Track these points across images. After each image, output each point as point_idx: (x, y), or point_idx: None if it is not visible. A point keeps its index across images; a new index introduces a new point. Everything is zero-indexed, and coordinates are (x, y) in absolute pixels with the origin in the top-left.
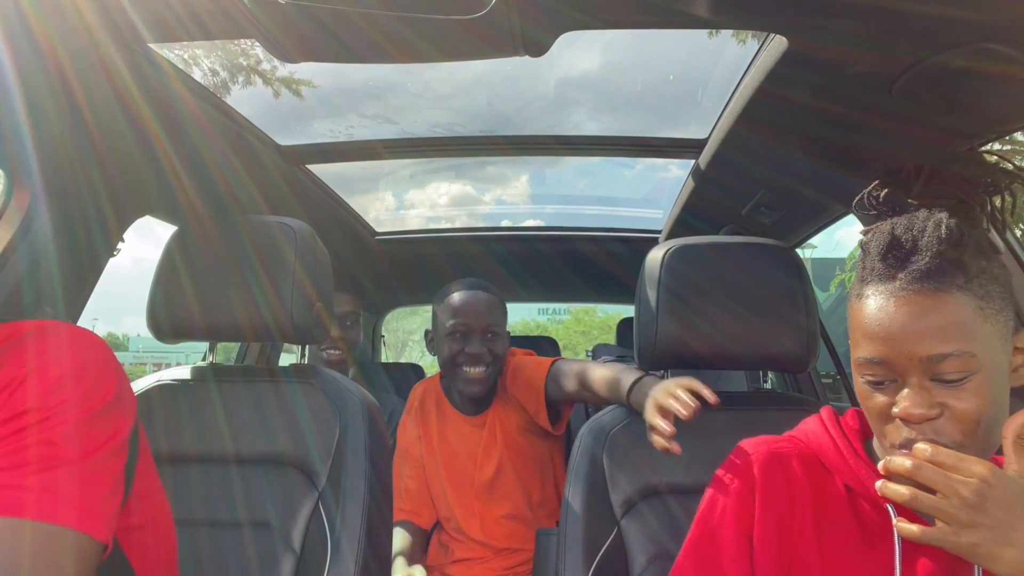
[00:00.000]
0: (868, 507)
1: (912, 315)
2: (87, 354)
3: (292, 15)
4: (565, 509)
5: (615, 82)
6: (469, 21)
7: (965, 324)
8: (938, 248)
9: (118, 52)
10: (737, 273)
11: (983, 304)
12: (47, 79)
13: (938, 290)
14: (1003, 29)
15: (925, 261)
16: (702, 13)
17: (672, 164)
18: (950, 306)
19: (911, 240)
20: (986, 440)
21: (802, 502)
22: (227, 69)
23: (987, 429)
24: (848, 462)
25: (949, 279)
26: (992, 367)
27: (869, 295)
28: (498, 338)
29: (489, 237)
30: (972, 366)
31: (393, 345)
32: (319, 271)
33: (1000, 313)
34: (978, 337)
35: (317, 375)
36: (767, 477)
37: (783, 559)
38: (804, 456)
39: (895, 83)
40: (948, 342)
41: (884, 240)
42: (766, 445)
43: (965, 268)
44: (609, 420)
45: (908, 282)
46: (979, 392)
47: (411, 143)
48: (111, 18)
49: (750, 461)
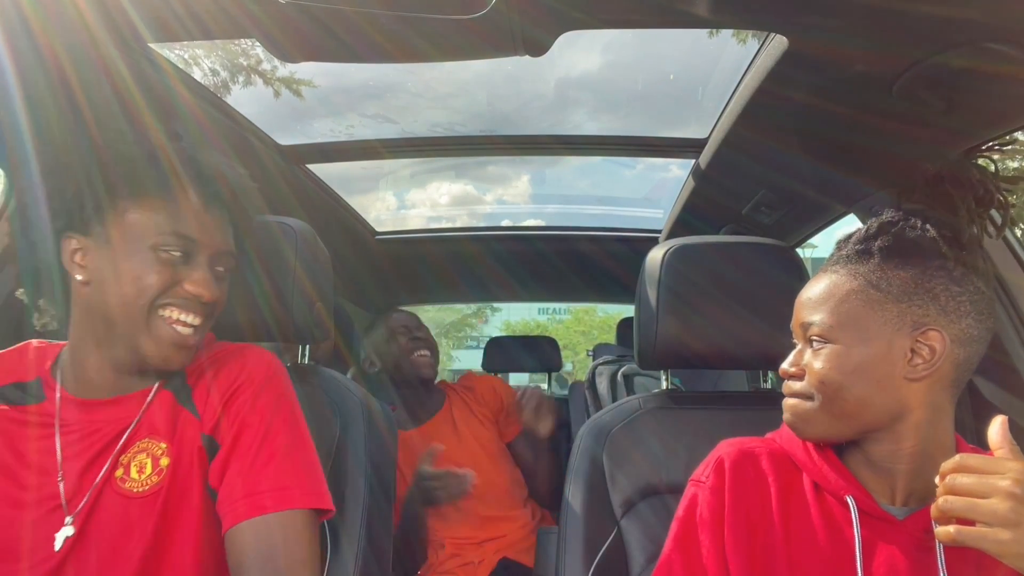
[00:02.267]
0: (833, 502)
1: (810, 288)
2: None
3: (292, 15)
4: (565, 509)
5: (615, 82)
6: (469, 21)
7: (839, 302)
8: (856, 238)
9: (118, 52)
10: (737, 273)
11: (873, 291)
12: (47, 79)
13: (837, 272)
14: (1003, 29)
15: (845, 250)
16: (702, 13)
17: (672, 164)
18: (837, 285)
19: (851, 235)
20: (835, 403)
21: (769, 498)
22: (227, 69)
23: (834, 393)
24: (814, 459)
25: (851, 265)
26: (855, 344)
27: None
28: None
29: (489, 237)
30: (830, 335)
31: None
32: (319, 271)
33: (896, 303)
34: (847, 315)
35: (317, 375)
36: (737, 475)
37: (754, 553)
38: (775, 455)
39: (895, 83)
40: (817, 312)
41: (847, 234)
42: (739, 445)
43: (871, 257)
44: (609, 420)
45: (828, 264)
46: (832, 359)
47: (411, 143)
48: (111, 18)
49: (723, 460)
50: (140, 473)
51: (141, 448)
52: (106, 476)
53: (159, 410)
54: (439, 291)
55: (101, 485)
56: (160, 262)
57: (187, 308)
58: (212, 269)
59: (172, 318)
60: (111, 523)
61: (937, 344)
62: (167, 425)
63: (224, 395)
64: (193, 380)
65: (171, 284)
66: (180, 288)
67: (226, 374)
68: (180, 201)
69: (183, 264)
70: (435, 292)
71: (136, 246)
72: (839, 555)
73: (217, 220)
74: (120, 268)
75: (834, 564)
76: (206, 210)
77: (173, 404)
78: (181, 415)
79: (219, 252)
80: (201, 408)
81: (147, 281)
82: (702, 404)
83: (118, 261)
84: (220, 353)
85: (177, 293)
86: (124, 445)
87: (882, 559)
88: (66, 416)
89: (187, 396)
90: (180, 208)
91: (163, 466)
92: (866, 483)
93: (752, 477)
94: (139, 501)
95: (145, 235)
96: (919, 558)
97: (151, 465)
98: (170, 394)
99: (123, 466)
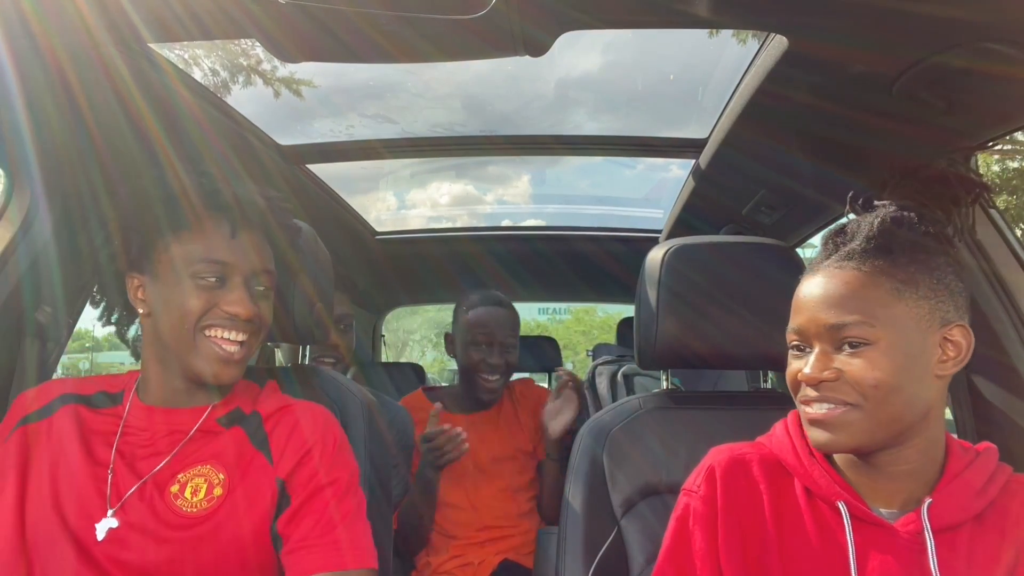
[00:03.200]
0: (825, 508)
1: (826, 287)
2: (339, 429)
3: (292, 15)
4: (565, 509)
5: (615, 82)
6: (469, 21)
7: (872, 300)
8: (868, 234)
9: (118, 52)
10: (737, 273)
11: (902, 287)
12: (47, 79)
13: (857, 268)
14: (1003, 29)
15: (855, 244)
16: (702, 13)
17: (672, 164)
18: (863, 282)
19: (854, 230)
20: (884, 408)
21: (761, 505)
22: (227, 69)
23: (885, 396)
24: (804, 464)
25: (871, 260)
26: (895, 344)
27: (807, 274)
28: (513, 350)
29: (489, 237)
30: (871, 336)
31: (393, 345)
32: (320, 271)
33: (925, 300)
34: (885, 315)
35: (317, 375)
36: (728, 484)
37: (748, 562)
38: (766, 460)
39: (895, 83)
40: (850, 312)
41: (835, 230)
42: (729, 452)
43: (891, 253)
44: (609, 420)
45: (835, 260)
46: (878, 361)
47: (411, 143)
48: (111, 18)
49: (714, 469)
50: (194, 495)
51: (201, 472)
52: (155, 480)
53: (230, 444)
54: (439, 291)
55: (149, 488)
56: (199, 288)
57: (228, 327)
58: (249, 289)
59: (217, 337)
60: (153, 529)
61: (963, 340)
62: (234, 460)
63: (300, 451)
64: (270, 428)
65: (210, 307)
66: (219, 310)
67: (303, 432)
68: (209, 231)
69: (219, 288)
70: (435, 292)
71: (177, 276)
72: (833, 561)
73: (249, 243)
74: (167, 298)
75: (828, 570)
76: (235, 235)
77: (246, 444)
78: (255, 458)
79: (254, 272)
80: (277, 456)
81: (189, 307)
82: (702, 404)
83: (165, 292)
84: (296, 408)
85: (217, 314)
86: (185, 463)
87: (875, 564)
88: (131, 419)
89: (262, 440)
90: (210, 237)
91: (215, 495)
92: (859, 486)
93: (744, 485)
94: (185, 519)
95: (183, 265)
96: (912, 561)
97: (205, 491)
98: (244, 433)
99: (180, 483)
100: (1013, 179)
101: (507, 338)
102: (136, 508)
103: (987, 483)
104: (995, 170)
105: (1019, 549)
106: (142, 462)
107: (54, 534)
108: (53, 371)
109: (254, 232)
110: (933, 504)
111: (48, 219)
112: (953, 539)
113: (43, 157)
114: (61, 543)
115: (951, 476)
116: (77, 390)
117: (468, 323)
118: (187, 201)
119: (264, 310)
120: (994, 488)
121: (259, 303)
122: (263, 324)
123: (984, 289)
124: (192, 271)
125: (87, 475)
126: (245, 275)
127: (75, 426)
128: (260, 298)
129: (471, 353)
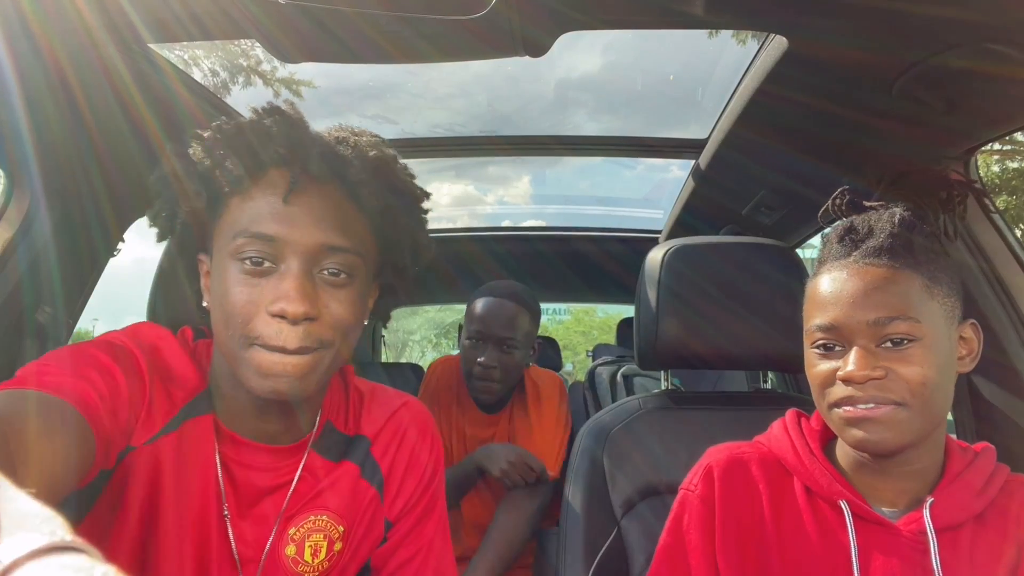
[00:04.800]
0: (825, 507)
1: (863, 283)
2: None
3: (292, 15)
4: (565, 509)
5: (615, 82)
6: (469, 21)
7: (912, 296)
8: (891, 230)
9: (118, 52)
10: (737, 273)
11: (931, 284)
12: (47, 79)
13: (889, 264)
14: (1003, 29)
15: (879, 240)
16: (702, 13)
17: (672, 164)
18: (899, 279)
19: (867, 226)
20: (929, 406)
21: (761, 505)
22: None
23: (931, 394)
24: (805, 464)
25: (900, 257)
26: (937, 341)
27: (825, 272)
28: (514, 351)
29: (488, 237)
30: (917, 332)
31: (393, 345)
32: None
33: (947, 297)
34: (924, 311)
35: None
36: (726, 483)
37: (746, 562)
38: (765, 460)
39: (895, 83)
40: (894, 307)
41: (844, 227)
42: (728, 451)
43: (915, 250)
44: (609, 420)
45: (862, 256)
46: (924, 358)
47: (411, 143)
48: (111, 18)
49: (711, 468)
50: (314, 557)
51: (317, 527)
52: (275, 543)
53: (343, 484)
54: (439, 291)
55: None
56: (242, 275)
57: (275, 333)
58: (309, 276)
59: (265, 346)
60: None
61: (975, 337)
62: (348, 504)
63: (406, 474)
64: (379, 454)
65: (257, 306)
66: (263, 314)
67: (412, 448)
68: (257, 194)
69: (270, 275)
70: (435, 292)
71: (220, 256)
72: (834, 561)
73: (311, 208)
74: (214, 288)
75: (830, 571)
76: (288, 198)
77: (357, 480)
78: (367, 495)
79: (320, 248)
80: (390, 497)
81: (231, 301)
82: (702, 404)
83: (214, 281)
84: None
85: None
86: (295, 515)
87: (878, 564)
88: (226, 454)
89: (374, 471)
90: (257, 202)
91: (336, 551)
92: (860, 486)
93: (742, 484)
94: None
95: (224, 242)
96: (915, 560)
97: (326, 550)
98: (356, 468)
99: (295, 543)
100: (1013, 179)
101: (504, 334)
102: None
103: (987, 483)
104: (995, 170)
105: (1020, 548)
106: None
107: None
108: None
109: (326, 192)
110: (935, 504)
111: (48, 219)
112: (955, 538)
113: (43, 157)
114: None
115: (952, 476)
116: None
117: (466, 314)
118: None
119: (336, 308)
120: (993, 488)
121: (327, 296)
122: (337, 329)
123: (984, 289)
124: (234, 249)
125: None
126: (304, 255)
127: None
128: (328, 287)
129: (464, 348)
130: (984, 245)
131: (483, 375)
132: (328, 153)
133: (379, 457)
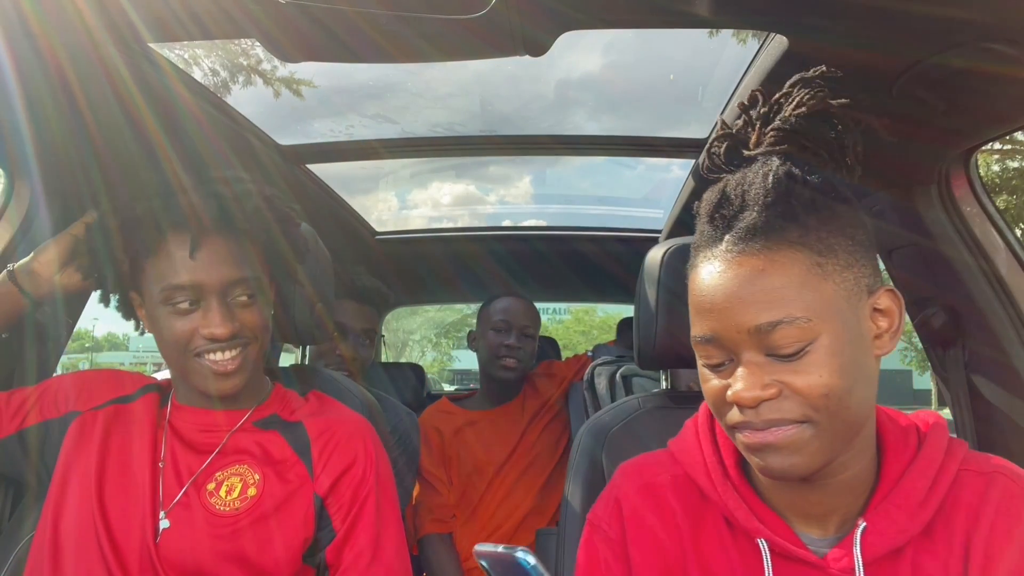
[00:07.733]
0: (747, 541)
1: (738, 280)
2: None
3: (292, 15)
4: (565, 509)
5: (616, 82)
6: (469, 21)
7: (798, 286)
8: (764, 200)
9: (118, 52)
10: None
11: (823, 260)
12: (47, 79)
13: (766, 248)
14: (1003, 29)
15: (752, 217)
16: (702, 13)
17: (673, 164)
18: (780, 266)
19: (740, 195)
20: (840, 416)
21: (680, 540)
22: (227, 69)
23: (839, 402)
24: (718, 490)
25: (778, 234)
26: (837, 333)
27: (699, 264)
28: (531, 341)
29: (488, 237)
30: (809, 333)
31: (393, 345)
32: (320, 272)
33: (847, 269)
34: (815, 301)
35: (317, 376)
36: (637, 522)
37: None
38: (679, 482)
39: (895, 83)
40: (777, 308)
41: (714, 199)
42: (638, 476)
43: (798, 220)
44: (609, 420)
45: (734, 242)
46: (824, 363)
47: (411, 143)
48: (111, 18)
49: (619, 504)
50: (228, 494)
51: (238, 472)
52: (198, 481)
53: (271, 446)
54: (439, 291)
55: (195, 489)
56: (176, 314)
57: (214, 349)
58: (225, 304)
59: (207, 359)
60: (198, 527)
61: (894, 304)
62: (273, 464)
63: (335, 455)
64: (313, 436)
65: (192, 332)
66: (200, 335)
67: (347, 439)
68: (170, 252)
69: (195, 311)
70: (435, 292)
71: (153, 302)
72: None
73: (215, 255)
74: (153, 324)
75: None
76: (195, 253)
77: (287, 450)
78: (295, 467)
79: (229, 283)
80: (317, 470)
81: (173, 333)
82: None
83: (151, 318)
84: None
85: (200, 340)
86: (225, 462)
87: None
88: (173, 419)
89: (304, 449)
90: (172, 259)
91: (249, 495)
92: (786, 509)
93: (656, 519)
94: (218, 519)
95: (154, 292)
96: None
97: (239, 490)
98: (283, 440)
99: (216, 482)
100: (1013, 179)
101: (525, 326)
102: (180, 508)
103: (933, 483)
104: (995, 170)
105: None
106: (184, 462)
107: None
108: (53, 371)
109: (222, 240)
110: (867, 529)
111: (48, 219)
112: (894, 568)
113: (43, 157)
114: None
115: (889, 483)
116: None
117: (490, 313)
118: (150, 222)
119: (250, 320)
120: (941, 487)
121: (242, 314)
122: (255, 333)
123: (984, 289)
124: (163, 298)
125: (147, 472)
126: (218, 291)
127: (149, 418)
128: (241, 308)
129: (490, 336)
130: (984, 245)
131: (510, 353)
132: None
133: (313, 437)
